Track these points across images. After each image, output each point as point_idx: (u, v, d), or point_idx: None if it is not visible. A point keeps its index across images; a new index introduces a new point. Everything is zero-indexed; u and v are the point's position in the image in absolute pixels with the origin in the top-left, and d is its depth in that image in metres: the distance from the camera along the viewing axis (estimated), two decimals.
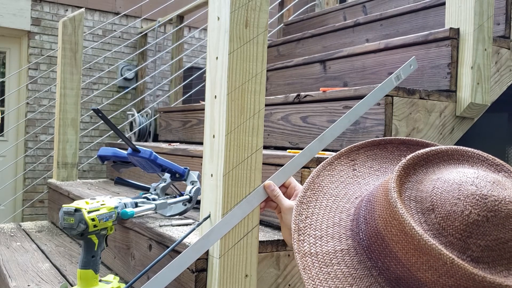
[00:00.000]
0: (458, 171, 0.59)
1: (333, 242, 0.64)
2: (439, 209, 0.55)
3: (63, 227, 1.04)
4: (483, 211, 0.53)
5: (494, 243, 0.52)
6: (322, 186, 0.73)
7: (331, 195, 0.72)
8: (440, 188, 0.57)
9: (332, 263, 0.62)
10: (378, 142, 0.78)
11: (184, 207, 1.30)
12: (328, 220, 0.68)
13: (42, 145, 4.59)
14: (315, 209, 0.70)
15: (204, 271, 1.01)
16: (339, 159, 0.78)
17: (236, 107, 0.96)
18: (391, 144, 0.78)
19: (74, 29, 2.30)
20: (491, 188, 0.55)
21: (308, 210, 0.70)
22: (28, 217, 4.39)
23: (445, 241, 0.53)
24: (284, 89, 2.19)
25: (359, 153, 0.78)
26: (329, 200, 0.71)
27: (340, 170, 0.76)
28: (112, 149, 1.46)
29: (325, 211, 0.69)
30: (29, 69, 4.57)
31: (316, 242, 0.65)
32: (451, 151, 0.64)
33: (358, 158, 0.78)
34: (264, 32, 0.99)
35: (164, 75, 5.04)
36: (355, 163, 0.77)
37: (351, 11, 2.67)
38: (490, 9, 1.49)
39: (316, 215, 0.69)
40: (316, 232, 0.66)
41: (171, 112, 2.61)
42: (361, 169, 0.76)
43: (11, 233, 2.00)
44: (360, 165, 0.77)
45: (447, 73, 1.49)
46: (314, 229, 0.67)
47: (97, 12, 4.92)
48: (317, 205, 0.71)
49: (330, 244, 0.64)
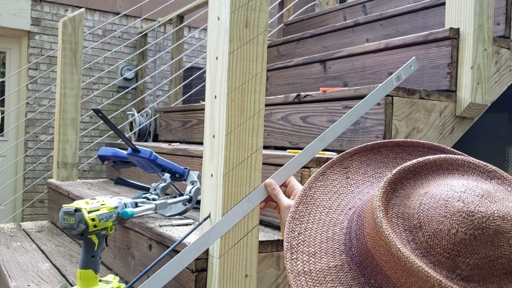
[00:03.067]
0: (446, 184, 0.58)
1: (327, 258, 0.63)
2: (426, 227, 0.54)
3: (63, 227, 1.04)
4: (470, 229, 0.52)
5: (484, 261, 0.51)
6: (314, 199, 0.70)
7: (324, 207, 0.69)
8: (427, 204, 0.56)
9: (326, 280, 0.60)
10: (372, 147, 0.75)
11: (184, 207, 1.30)
12: (322, 235, 0.66)
13: (42, 145, 4.58)
14: (308, 224, 0.67)
15: (204, 271, 1.01)
16: (332, 167, 0.74)
17: (236, 107, 0.96)
18: (385, 147, 0.75)
19: (74, 29, 2.30)
20: (479, 203, 0.54)
21: (301, 225, 0.67)
22: (28, 217, 4.39)
23: (434, 260, 0.52)
24: (284, 89, 2.19)
25: (352, 160, 0.75)
26: (322, 213, 0.68)
27: (333, 179, 0.73)
28: (112, 149, 1.46)
29: (318, 225, 0.67)
30: (29, 69, 4.57)
31: (309, 260, 0.63)
32: (439, 161, 0.62)
33: (352, 165, 0.74)
34: (264, 32, 0.99)
35: (164, 75, 5.04)
36: (349, 171, 0.74)
37: (351, 11, 2.68)
38: (490, 9, 1.49)
39: (309, 230, 0.67)
40: (309, 248, 0.64)
41: (171, 112, 2.61)
42: (354, 176, 0.73)
43: (11, 233, 2.00)
44: (354, 172, 0.74)
45: (447, 73, 1.49)
46: (308, 246, 0.65)
47: (97, 12, 4.92)
48: (310, 219, 0.68)
49: (323, 261, 0.62)
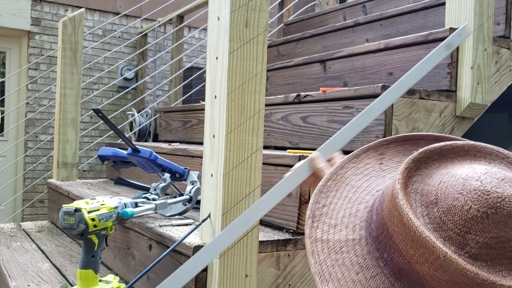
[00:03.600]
0: (469, 167, 0.59)
1: (346, 231, 0.64)
2: (442, 203, 0.55)
3: (63, 227, 1.04)
4: (483, 207, 0.52)
5: (494, 241, 0.52)
6: (344, 177, 0.72)
7: (352, 186, 0.71)
8: (446, 182, 0.57)
9: (341, 251, 0.62)
10: (411, 137, 0.76)
11: (184, 207, 1.30)
12: (345, 210, 0.67)
13: (42, 145, 4.59)
14: (334, 198, 0.69)
15: (204, 271, 1.01)
16: (367, 152, 0.76)
17: (236, 107, 0.96)
18: (424, 140, 0.75)
19: (74, 29, 2.30)
20: (497, 184, 0.54)
21: (327, 199, 0.69)
22: (28, 217, 4.39)
23: (444, 235, 0.53)
24: (284, 89, 2.19)
25: (389, 148, 0.76)
26: (349, 191, 0.70)
27: (366, 163, 0.75)
28: (112, 149, 1.46)
29: (343, 201, 0.69)
30: (29, 69, 4.57)
31: (329, 230, 0.65)
32: (467, 146, 0.63)
33: (387, 152, 0.76)
34: (264, 32, 0.99)
35: (164, 75, 5.04)
36: (383, 157, 0.75)
37: (351, 11, 2.67)
38: (490, 9, 1.49)
39: (334, 204, 0.69)
40: (331, 220, 0.66)
41: (171, 112, 2.61)
42: (388, 163, 0.75)
43: (11, 233, 2.00)
44: (388, 160, 0.75)
45: (447, 73, 1.49)
46: (330, 218, 0.67)
47: (97, 12, 4.92)
48: (336, 195, 0.70)
49: (342, 233, 0.64)
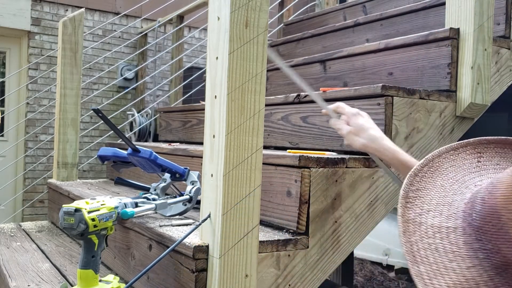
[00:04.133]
0: None
1: (440, 218, 0.64)
2: None
3: (63, 227, 1.04)
4: None
5: None
6: (441, 167, 0.73)
7: (448, 178, 0.72)
8: None
9: (434, 236, 0.61)
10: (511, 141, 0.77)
11: (184, 207, 1.30)
12: (440, 199, 0.68)
13: (42, 145, 4.58)
14: (428, 184, 0.70)
15: (204, 271, 1.01)
16: (465, 147, 0.77)
17: (236, 107, 0.96)
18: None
19: (74, 29, 2.30)
20: None
21: (421, 183, 0.70)
22: (28, 217, 4.39)
23: None
24: (284, 89, 2.19)
25: (488, 148, 0.77)
26: (445, 181, 0.71)
27: (464, 158, 0.75)
28: (112, 149, 1.46)
29: (438, 190, 0.69)
30: (29, 69, 4.57)
31: (421, 213, 0.65)
32: None
33: (486, 152, 0.76)
34: (264, 32, 0.99)
35: (164, 75, 5.04)
36: (481, 156, 0.76)
37: (351, 11, 2.67)
38: (490, 9, 1.49)
39: (429, 190, 0.69)
40: (424, 205, 0.66)
41: (171, 112, 2.61)
42: (486, 162, 0.75)
43: (11, 233, 2.00)
44: (486, 159, 0.76)
45: (447, 73, 1.49)
46: (423, 202, 0.67)
47: (97, 12, 4.92)
48: (431, 181, 0.71)
49: (436, 219, 0.64)
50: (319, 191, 1.18)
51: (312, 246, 1.17)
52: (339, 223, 1.23)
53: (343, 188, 1.23)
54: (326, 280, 1.30)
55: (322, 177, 1.18)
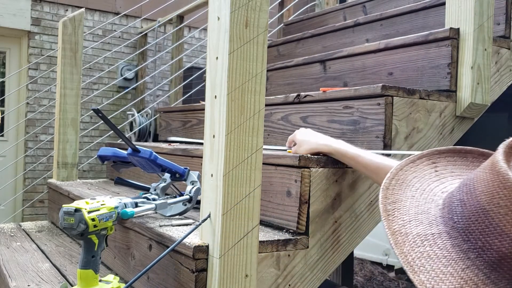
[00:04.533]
0: None
1: (423, 226, 0.66)
2: None
3: (63, 227, 1.04)
4: None
5: None
6: (406, 179, 0.77)
7: (416, 188, 0.75)
8: None
9: (423, 244, 0.63)
10: (459, 150, 0.83)
11: (184, 207, 1.30)
12: (416, 208, 0.70)
13: (42, 145, 4.59)
14: (401, 196, 0.73)
15: (204, 271, 1.01)
16: (421, 159, 0.81)
17: (236, 107, 0.96)
18: (471, 154, 0.82)
19: (74, 29, 2.30)
20: None
21: (394, 196, 0.73)
22: (28, 217, 4.39)
23: None
24: (284, 89, 2.19)
25: (441, 157, 0.82)
26: (414, 192, 0.74)
27: (422, 169, 0.80)
28: (112, 149, 1.46)
29: (411, 200, 0.72)
30: (29, 69, 4.57)
31: (405, 224, 0.67)
32: None
33: (440, 162, 0.82)
34: (264, 32, 0.99)
35: (164, 75, 5.04)
36: (437, 166, 0.81)
37: (351, 11, 2.67)
38: (490, 9, 1.49)
39: (403, 202, 0.72)
40: (404, 216, 0.69)
41: (171, 112, 2.61)
42: (443, 171, 0.80)
43: (11, 233, 2.00)
44: (442, 168, 0.80)
45: (447, 73, 1.49)
46: (402, 214, 0.69)
47: (97, 12, 4.92)
48: (402, 193, 0.74)
49: (420, 228, 0.66)
50: (319, 191, 1.18)
51: (312, 246, 1.17)
52: (339, 223, 1.23)
53: (343, 188, 1.23)
54: (326, 280, 1.30)
55: (322, 177, 1.18)
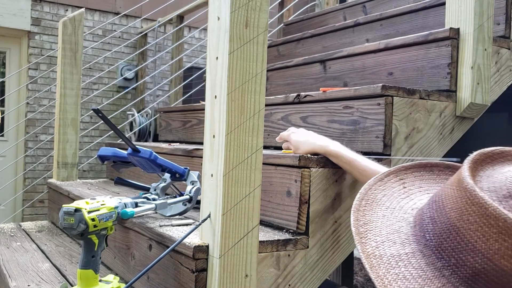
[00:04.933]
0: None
1: (396, 247, 0.65)
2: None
3: (63, 227, 1.04)
4: None
5: None
6: (375, 198, 0.77)
7: (386, 207, 0.75)
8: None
9: (398, 265, 0.62)
10: (425, 165, 0.83)
11: (184, 207, 1.30)
12: (388, 228, 0.70)
13: (42, 145, 4.59)
14: (372, 217, 0.72)
15: (204, 271, 1.02)
16: (388, 176, 0.82)
17: (236, 107, 0.96)
18: (437, 167, 0.83)
19: (74, 29, 2.30)
20: None
21: (365, 217, 0.72)
22: (28, 217, 4.39)
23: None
24: (284, 89, 2.19)
25: (407, 173, 0.82)
26: (385, 211, 0.74)
27: (391, 186, 0.80)
28: (112, 149, 1.46)
29: (382, 220, 0.71)
30: (29, 69, 4.57)
31: (378, 246, 0.66)
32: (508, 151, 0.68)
33: (407, 178, 0.82)
34: (264, 32, 0.99)
35: (164, 75, 5.04)
36: (405, 182, 0.81)
37: (351, 11, 2.67)
38: (490, 9, 1.49)
39: (375, 222, 0.71)
40: (377, 237, 0.68)
41: (171, 112, 2.61)
42: (411, 187, 0.80)
43: (11, 233, 2.00)
44: (410, 184, 0.81)
45: (447, 73, 1.49)
46: (375, 235, 0.68)
47: (97, 12, 4.92)
48: (373, 214, 0.73)
49: (393, 248, 0.65)
50: (319, 191, 1.18)
51: (312, 246, 1.17)
52: (339, 223, 1.23)
53: (343, 188, 1.23)
54: (326, 280, 1.30)
55: (322, 177, 1.18)
